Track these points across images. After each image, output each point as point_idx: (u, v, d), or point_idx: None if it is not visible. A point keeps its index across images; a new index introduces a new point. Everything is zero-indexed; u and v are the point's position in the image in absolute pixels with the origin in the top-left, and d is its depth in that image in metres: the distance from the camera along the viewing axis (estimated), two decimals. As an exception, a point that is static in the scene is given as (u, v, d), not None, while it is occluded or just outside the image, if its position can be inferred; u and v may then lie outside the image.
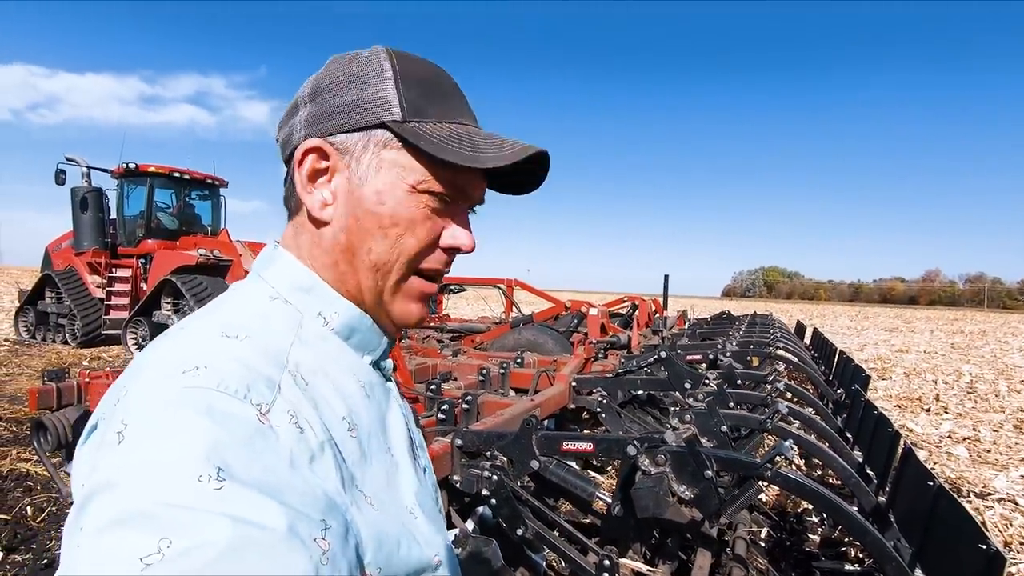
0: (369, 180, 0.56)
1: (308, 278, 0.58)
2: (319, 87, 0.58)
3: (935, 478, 1.77)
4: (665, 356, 3.51)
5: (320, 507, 0.43)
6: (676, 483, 1.81)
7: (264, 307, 0.56)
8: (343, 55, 0.60)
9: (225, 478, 0.38)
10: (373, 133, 0.56)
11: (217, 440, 0.40)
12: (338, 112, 0.56)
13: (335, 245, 0.58)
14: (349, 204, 0.57)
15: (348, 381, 0.57)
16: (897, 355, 12.81)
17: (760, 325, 7.45)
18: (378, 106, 0.55)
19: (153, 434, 0.40)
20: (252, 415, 0.43)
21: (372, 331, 0.61)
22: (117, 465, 0.39)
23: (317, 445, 0.47)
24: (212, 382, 0.43)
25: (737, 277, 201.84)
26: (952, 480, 4.24)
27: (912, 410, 6.74)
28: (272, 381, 0.47)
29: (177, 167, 9.69)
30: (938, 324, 28.35)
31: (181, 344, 0.48)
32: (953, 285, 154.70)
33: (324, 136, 0.56)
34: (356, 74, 0.57)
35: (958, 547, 1.51)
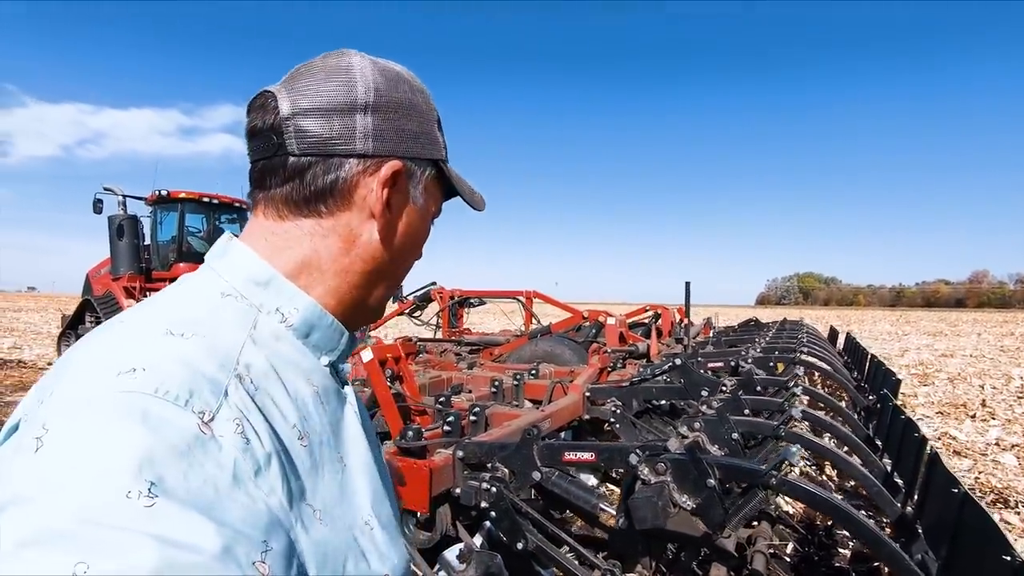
0: (420, 207, 0.62)
1: (266, 271, 0.55)
2: (384, 102, 0.57)
3: (960, 485, 1.64)
4: (680, 364, 3.42)
5: (262, 526, 0.40)
6: (678, 493, 1.72)
7: (215, 302, 0.52)
8: (392, 68, 0.61)
9: (157, 494, 0.35)
10: (428, 167, 0.61)
11: (151, 451, 0.36)
12: (409, 138, 0.59)
13: (379, 259, 0.59)
14: (404, 224, 0.61)
15: (301, 385, 0.54)
16: (940, 360, 12.23)
17: (788, 331, 7.22)
18: (436, 144, 0.62)
19: (77, 442, 0.36)
20: (192, 423, 0.40)
21: (332, 329, 0.59)
22: (33, 476, 0.35)
23: (264, 456, 0.44)
24: (150, 386, 0.40)
25: (771, 284, 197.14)
26: (999, 490, 3.98)
27: (956, 416, 6.39)
28: (218, 385, 0.44)
29: (206, 192, 10.04)
30: (986, 327, 27.02)
31: (119, 340, 0.45)
32: (1003, 286, 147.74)
33: (400, 158, 0.58)
34: (415, 104, 0.60)
35: (984, 558, 1.39)
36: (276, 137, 0.55)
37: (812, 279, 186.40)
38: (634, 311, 8.23)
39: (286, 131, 0.55)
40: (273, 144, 0.55)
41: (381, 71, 0.59)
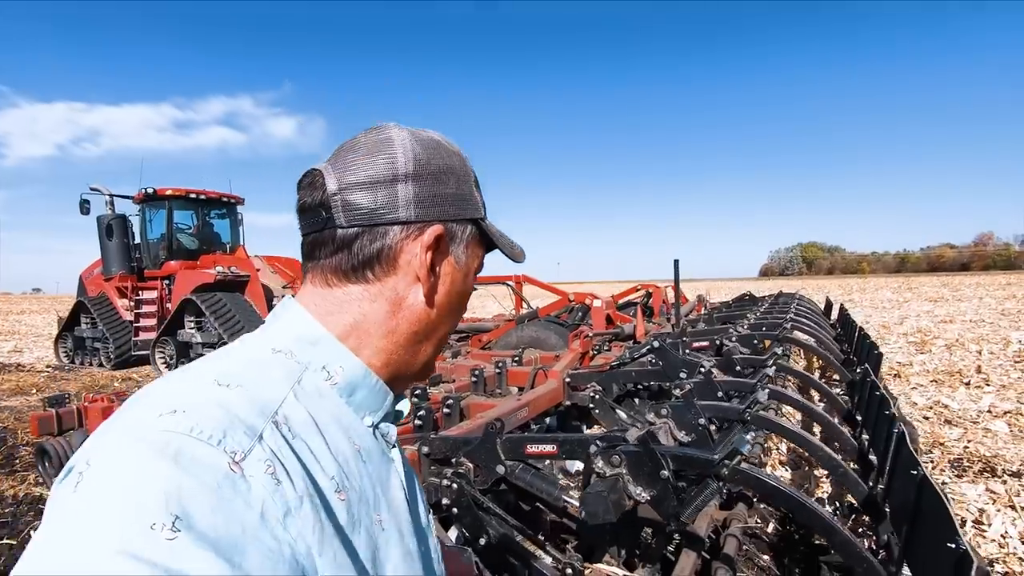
0: (462, 266, 0.64)
1: (316, 330, 0.58)
2: (422, 170, 0.60)
3: (920, 466, 1.61)
4: (658, 346, 3.38)
5: (284, 570, 0.41)
6: (633, 485, 1.69)
7: (265, 357, 0.55)
8: (428, 138, 0.63)
9: (180, 528, 0.36)
10: (468, 226, 0.64)
11: (179, 486, 0.38)
12: (447, 202, 0.61)
13: (425, 319, 0.62)
14: (448, 284, 0.63)
15: (343, 442, 0.55)
16: (940, 326, 12.16)
17: (780, 305, 7.15)
18: (473, 204, 0.64)
19: (112, 476, 0.39)
20: (223, 462, 0.42)
21: (376, 390, 0.61)
22: (70, 509, 0.38)
23: (295, 500, 0.45)
24: (186, 426, 0.42)
25: (774, 255, 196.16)
26: (987, 459, 3.95)
27: (950, 384, 6.36)
28: (254, 429, 0.46)
29: (193, 188, 9.96)
30: (989, 290, 26.84)
31: (172, 387, 0.49)
32: (1008, 247, 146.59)
33: (440, 221, 0.61)
34: (452, 167, 0.63)
35: (937, 543, 1.36)
36: (325, 212, 0.59)
37: (815, 248, 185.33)
38: (626, 291, 8.18)
39: (334, 206, 0.58)
40: (322, 219, 0.59)
41: (419, 140, 0.62)
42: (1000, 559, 2.65)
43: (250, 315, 8.27)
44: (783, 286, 15.37)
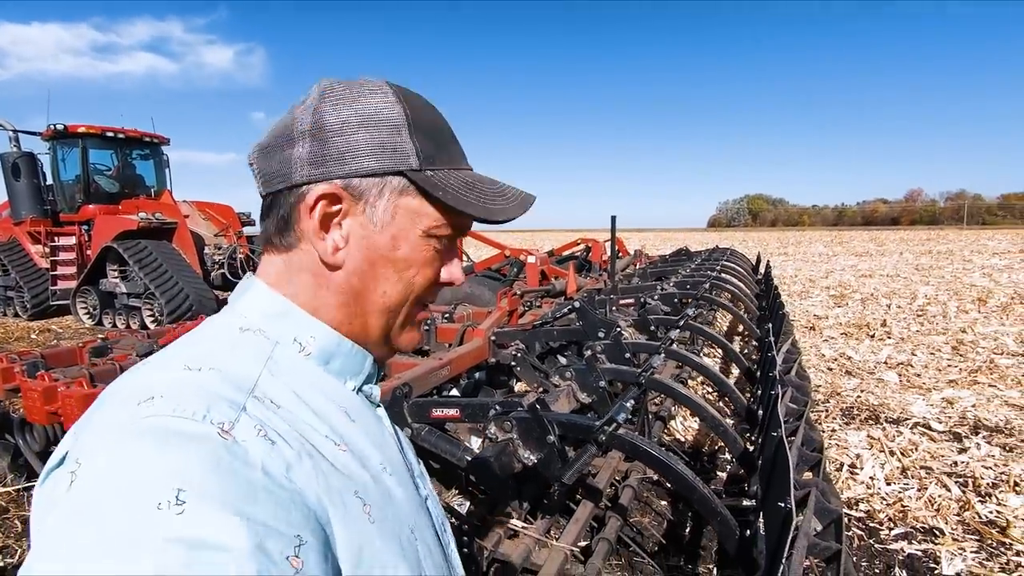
0: (385, 226, 0.57)
1: (281, 304, 0.57)
2: (324, 124, 0.55)
3: (781, 429, 1.77)
4: (579, 306, 3.48)
5: (295, 520, 0.41)
6: (522, 448, 1.80)
7: (232, 338, 0.54)
8: (343, 87, 0.57)
9: (186, 499, 0.37)
10: (389, 180, 0.56)
11: (173, 462, 0.39)
12: (351, 156, 0.55)
13: (346, 288, 0.58)
14: (363, 249, 0.57)
15: (328, 405, 0.55)
16: (860, 280, 12.98)
17: (712, 261, 7.45)
18: (396, 153, 0.55)
19: (104, 469, 0.39)
20: (212, 432, 0.42)
21: (353, 354, 0.60)
22: (68, 511, 0.37)
23: (293, 455, 0.45)
24: (167, 409, 0.42)
25: (722, 207, 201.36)
26: (874, 407, 4.36)
27: (857, 337, 6.87)
28: (235, 403, 0.45)
29: (111, 126, 9.21)
30: (910, 245, 28.71)
31: (141, 376, 0.48)
32: (934, 204, 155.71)
33: (336, 179, 0.55)
34: (367, 115, 0.55)
35: (778, 501, 1.52)
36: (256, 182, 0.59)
37: (761, 201, 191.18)
38: (567, 244, 8.29)
39: (254, 173, 0.58)
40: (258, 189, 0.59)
41: (330, 93, 0.56)
42: (865, 499, 2.98)
43: (179, 264, 7.91)
44: (728, 237, 16.02)
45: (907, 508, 2.86)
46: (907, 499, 2.94)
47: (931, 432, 3.83)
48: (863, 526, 2.73)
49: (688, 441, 3.69)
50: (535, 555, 2.04)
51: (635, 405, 2.64)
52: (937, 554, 2.49)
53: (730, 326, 6.95)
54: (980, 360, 5.65)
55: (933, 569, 2.41)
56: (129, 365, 3.36)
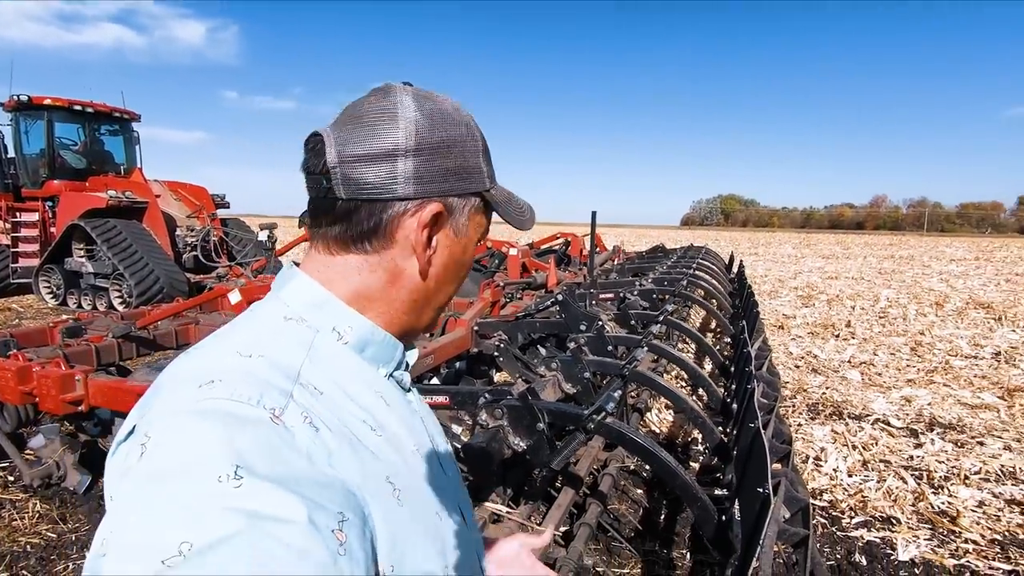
0: (462, 238, 0.65)
1: (322, 294, 0.61)
2: (424, 144, 0.59)
3: (758, 420, 1.86)
4: (562, 299, 3.55)
5: (338, 499, 0.45)
6: (512, 435, 1.85)
7: (277, 326, 0.58)
8: (434, 105, 0.62)
9: (243, 475, 0.40)
10: (471, 199, 0.64)
11: (233, 441, 0.42)
12: (448, 176, 0.61)
13: (422, 288, 0.64)
14: (446, 257, 0.64)
15: (364, 391, 0.59)
16: (827, 282, 13.41)
17: (687, 259, 7.61)
18: (476, 176, 0.63)
19: (173, 444, 0.43)
20: (266, 416, 0.46)
21: (386, 344, 0.64)
22: (141, 477, 0.42)
23: (334, 442, 0.49)
24: (225, 393, 0.46)
25: (696, 206, 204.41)
26: (837, 404, 4.55)
27: (823, 336, 7.13)
28: (284, 391, 0.50)
29: (79, 99, 8.87)
30: (874, 249, 29.72)
31: (196, 362, 0.53)
32: (897, 210, 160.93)
33: (440, 197, 0.61)
34: (457, 137, 0.62)
35: (755, 487, 1.61)
36: (326, 181, 0.59)
37: (733, 201, 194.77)
38: (547, 237, 8.35)
39: (334, 177, 0.59)
40: (323, 187, 0.60)
41: (424, 111, 0.61)
42: (829, 489, 3.14)
43: (149, 245, 7.71)
44: (702, 236, 16.39)
45: (867, 499, 3.02)
46: (867, 490, 3.10)
47: (890, 428, 4.03)
48: (826, 515, 2.88)
49: (663, 432, 3.81)
50: (519, 539, 2.10)
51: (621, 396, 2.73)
52: (894, 541, 2.65)
53: (703, 322, 7.13)
54: (936, 361, 5.94)
55: (890, 555, 2.56)
56: (105, 346, 3.30)
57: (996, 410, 4.44)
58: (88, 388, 2.57)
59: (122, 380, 2.66)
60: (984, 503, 2.99)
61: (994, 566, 2.48)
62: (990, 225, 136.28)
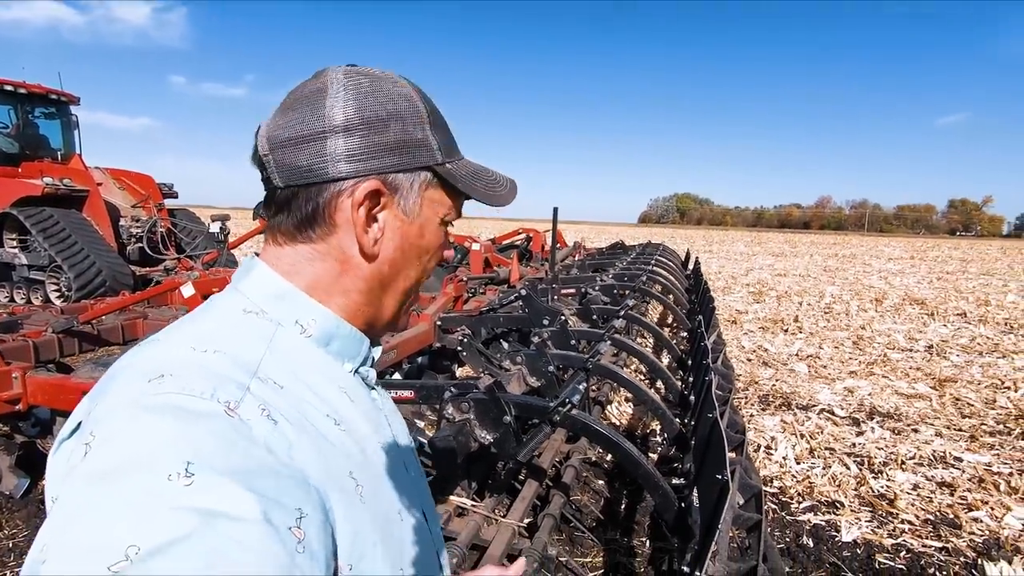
0: (415, 217, 0.61)
1: (283, 286, 0.59)
2: (357, 121, 0.57)
3: (716, 411, 1.93)
4: (526, 294, 3.57)
5: (297, 494, 0.43)
6: (479, 429, 1.86)
7: (236, 319, 0.56)
8: (368, 80, 0.59)
9: (195, 472, 0.38)
10: (419, 174, 0.60)
11: (183, 436, 0.40)
12: (388, 151, 0.58)
13: (375, 274, 0.61)
14: (397, 239, 0.60)
15: (327, 385, 0.57)
16: (776, 279, 13.97)
17: (645, 256, 7.78)
18: (423, 149, 0.59)
19: (118, 440, 0.40)
20: (219, 410, 0.44)
21: (352, 337, 0.62)
22: (84, 478, 0.39)
23: (295, 434, 0.47)
24: (176, 387, 0.44)
25: (653, 204, 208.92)
26: (786, 395, 4.76)
27: (773, 331, 7.43)
28: (240, 384, 0.47)
29: (10, 79, 8.28)
30: (819, 248, 31.13)
31: (146, 356, 0.50)
32: (840, 211, 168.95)
33: (378, 175, 0.58)
34: (396, 111, 0.58)
35: (714, 474, 1.67)
36: (263, 171, 0.58)
37: (689, 199, 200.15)
38: (508, 233, 8.37)
39: (268, 165, 0.58)
40: (264, 177, 0.59)
41: (356, 87, 0.58)
42: (779, 476, 3.28)
43: (90, 236, 7.29)
44: (658, 233, 16.82)
45: (813, 484, 3.17)
46: (814, 476, 3.26)
47: (834, 417, 4.25)
48: (776, 500, 3.01)
49: (623, 424, 3.90)
50: (484, 531, 2.11)
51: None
52: (838, 524, 2.80)
53: (660, 317, 7.31)
54: (876, 354, 6.29)
55: (834, 537, 2.70)
56: (44, 342, 3.12)
57: (929, 399, 4.75)
58: (26, 386, 2.43)
59: (65, 377, 2.52)
60: (918, 486, 3.19)
61: (927, 544, 2.66)
62: (924, 226, 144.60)
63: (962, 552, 2.60)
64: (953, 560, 2.54)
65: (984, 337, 7.34)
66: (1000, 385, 5.19)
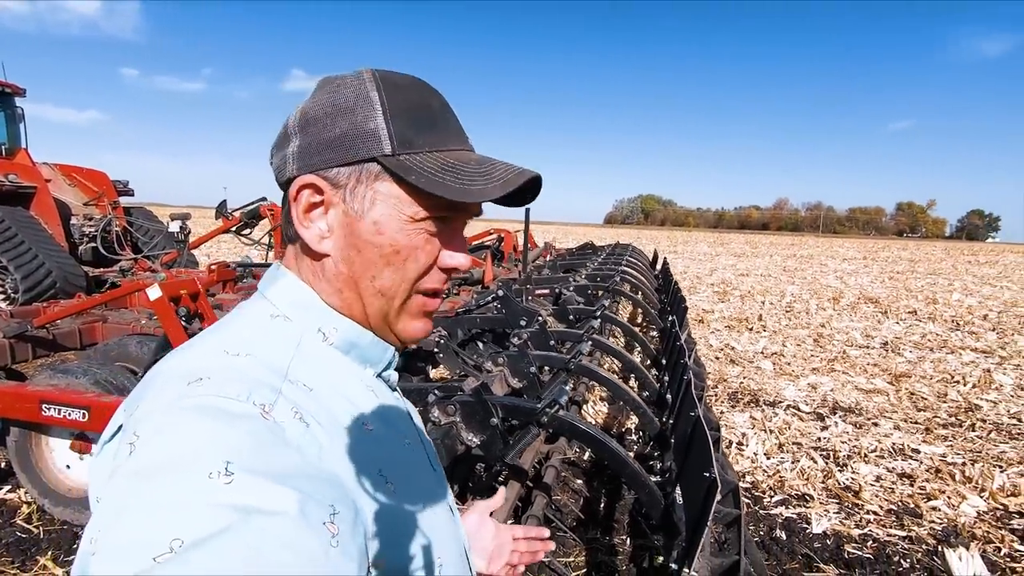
0: (366, 212, 0.57)
1: (307, 295, 0.60)
2: (308, 118, 0.58)
3: (697, 408, 1.96)
4: (503, 295, 3.56)
5: (329, 493, 0.44)
6: (465, 431, 1.84)
7: (265, 325, 0.57)
8: (332, 80, 0.59)
9: (234, 471, 0.40)
10: (365, 167, 0.56)
11: (223, 437, 0.42)
12: (328, 146, 0.56)
13: (337, 275, 0.59)
14: (348, 236, 0.58)
15: (353, 386, 0.58)
16: (739, 279, 14.36)
17: (616, 256, 7.88)
18: (368, 140, 0.56)
19: (161, 440, 0.42)
20: (256, 412, 0.45)
21: (374, 345, 0.62)
22: (130, 475, 0.41)
23: (325, 436, 0.49)
24: (214, 390, 0.46)
25: (618, 205, 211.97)
26: (754, 391, 4.90)
27: (738, 329, 7.63)
28: (273, 387, 0.49)
29: (-53, 69, 7.80)
30: (778, 249, 32.16)
31: (183, 360, 0.51)
32: (796, 213, 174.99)
33: (317, 171, 0.57)
34: (344, 105, 0.57)
35: (699, 471, 1.70)
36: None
37: (653, 201, 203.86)
38: (480, 233, 8.35)
39: (274, 172, 0.61)
40: None
41: (320, 87, 0.59)
42: (751, 471, 3.37)
43: (38, 235, 6.91)
44: (624, 234, 17.06)
45: (784, 478, 3.27)
46: (783, 471, 3.36)
47: (800, 413, 4.39)
48: (749, 495, 3.09)
49: (599, 424, 3.94)
50: (468, 535, 2.10)
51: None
52: (808, 516, 2.89)
53: (630, 316, 7.41)
54: (835, 351, 6.53)
55: (805, 529, 2.79)
56: (-6, 347, 2.94)
57: (886, 394, 4.96)
58: (-23, 394, 2.28)
59: (19, 385, 2.38)
60: (881, 478, 3.33)
61: (891, 533, 2.77)
62: (874, 228, 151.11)
63: (923, 540, 2.72)
64: (916, 548, 2.66)
65: (934, 334, 7.72)
66: (950, 379, 5.46)
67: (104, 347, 2.90)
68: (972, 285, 14.83)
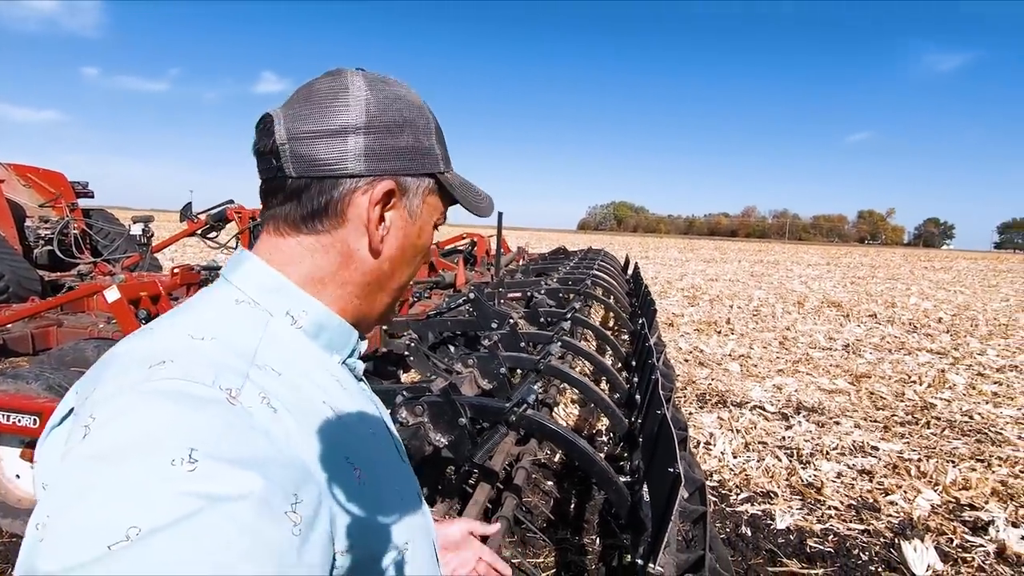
0: (416, 219, 0.64)
1: (274, 277, 0.59)
2: (378, 123, 0.59)
3: (664, 408, 1.99)
4: (474, 297, 3.56)
5: (295, 479, 0.44)
6: (433, 432, 1.83)
7: (230, 309, 0.57)
8: (386, 87, 0.62)
9: (198, 459, 0.39)
10: (424, 180, 0.63)
11: (187, 422, 0.41)
12: (399, 155, 0.60)
13: (375, 270, 0.62)
14: (400, 238, 0.63)
15: (320, 373, 0.58)
16: (708, 284, 14.64)
17: (588, 261, 7.95)
18: (430, 157, 0.63)
19: (121, 424, 0.40)
20: (221, 397, 0.44)
21: (341, 330, 0.63)
22: (85, 459, 0.39)
23: (293, 422, 0.48)
24: (178, 373, 0.44)
25: (591, 211, 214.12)
26: (722, 392, 4.99)
27: (707, 333, 7.77)
28: (240, 371, 0.48)
29: None
30: (746, 255, 32.91)
31: (148, 342, 0.50)
32: (764, 220, 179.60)
33: (392, 176, 0.60)
34: (410, 120, 0.62)
35: (663, 468, 1.72)
36: (276, 160, 0.58)
37: (625, 207, 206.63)
38: (453, 237, 8.33)
39: (283, 154, 0.58)
40: (274, 167, 0.59)
41: (376, 91, 0.60)
42: (718, 470, 3.43)
43: (-10, 238, 6.63)
44: (597, 240, 17.29)
45: (749, 476, 3.34)
46: (749, 469, 3.43)
47: (766, 413, 4.49)
48: (716, 493, 3.15)
49: (570, 425, 3.96)
50: (437, 537, 2.08)
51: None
52: (773, 512, 2.96)
53: (602, 319, 7.49)
54: (800, 353, 6.71)
55: (770, 525, 2.85)
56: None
57: (847, 394, 5.12)
58: (-81, 402, 2.17)
59: (-34, 391, 2.27)
60: (842, 474, 3.43)
61: (851, 527, 2.85)
62: (837, 235, 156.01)
63: (881, 533, 2.81)
64: (874, 541, 2.74)
65: (892, 336, 8.00)
66: (907, 379, 5.67)
67: (59, 351, 2.79)
68: (928, 289, 15.45)
